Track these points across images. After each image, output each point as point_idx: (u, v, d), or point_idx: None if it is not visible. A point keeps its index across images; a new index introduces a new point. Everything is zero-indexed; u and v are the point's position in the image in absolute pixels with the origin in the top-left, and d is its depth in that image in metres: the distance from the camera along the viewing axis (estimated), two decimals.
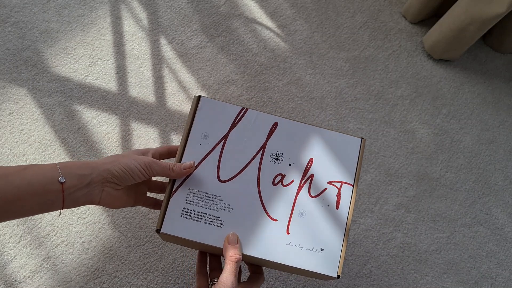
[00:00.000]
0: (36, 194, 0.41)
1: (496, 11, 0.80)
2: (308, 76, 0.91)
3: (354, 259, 0.76)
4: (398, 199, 0.82)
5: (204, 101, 0.54)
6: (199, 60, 0.90)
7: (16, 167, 0.41)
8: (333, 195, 0.53)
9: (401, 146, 0.87)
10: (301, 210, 0.51)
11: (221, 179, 0.52)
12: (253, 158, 0.53)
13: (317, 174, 0.53)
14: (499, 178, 0.87)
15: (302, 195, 0.52)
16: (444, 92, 0.94)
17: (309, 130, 0.54)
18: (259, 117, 0.54)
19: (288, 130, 0.54)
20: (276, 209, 0.51)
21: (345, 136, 0.55)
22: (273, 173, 0.53)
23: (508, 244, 0.81)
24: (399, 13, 1.02)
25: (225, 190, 0.51)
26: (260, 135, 0.54)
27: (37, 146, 0.77)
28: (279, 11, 0.98)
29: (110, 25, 0.90)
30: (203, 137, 0.53)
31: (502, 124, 0.93)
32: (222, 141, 0.53)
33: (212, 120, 0.54)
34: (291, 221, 0.51)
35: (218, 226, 0.50)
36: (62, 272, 0.68)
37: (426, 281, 0.76)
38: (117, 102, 0.83)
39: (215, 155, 0.52)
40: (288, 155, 0.53)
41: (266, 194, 0.52)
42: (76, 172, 0.43)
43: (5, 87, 0.81)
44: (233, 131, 0.54)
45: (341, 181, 0.53)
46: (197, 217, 0.50)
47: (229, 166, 0.52)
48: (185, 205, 0.50)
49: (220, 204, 0.51)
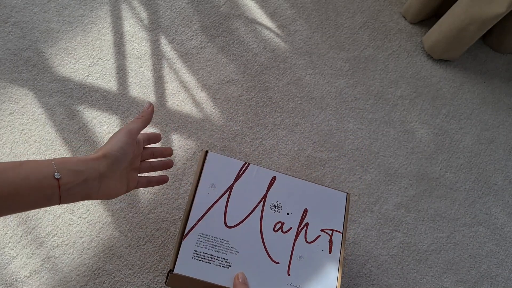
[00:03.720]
0: (32, 189, 0.41)
1: (496, 11, 0.80)
2: (308, 76, 0.92)
3: (354, 258, 0.76)
4: (398, 199, 0.82)
5: (211, 156, 0.62)
6: (199, 60, 0.90)
7: (12, 162, 0.41)
8: (325, 241, 0.60)
9: (401, 146, 0.87)
10: (299, 254, 0.58)
11: (228, 225, 0.58)
12: (256, 207, 0.60)
13: (311, 222, 0.60)
14: (498, 178, 0.87)
15: (299, 241, 0.59)
16: (443, 92, 0.94)
17: (303, 185, 0.62)
18: (259, 171, 0.62)
19: (285, 184, 0.62)
20: (277, 253, 0.57)
21: (333, 191, 0.63)
22: (274, 221, 0.59)
23: (507, 243, 0.81)
24: (399, 13, 1.02)
25: (231, 235, 0.57)
26: (261, 187, 0.61)
27: (38, 146, 0.77)
28: (279, 11, 0.98)
29: (110, 26, 0.90)
30: (211, 187, 0.60)
31: (502, 124, 0.93)
32: (228, 191, 0.60)
33: (219, 172, 0.61)
34: (291, 264, 0.57)
35: (227, 267, 0.55)
36: (62, 271, 0.69)
37: (426, 280, 0.76)
38: (117, 102, 0.83)
39: (222, 203, 0.59)
40: (286, 205, 0.61)
41: (268, 239, 0.58)
42: (72, 168, 0.44)
43: (5, 87, 0.81)
44: (237, 183, 0.61)
45: (332, 229, 0.61)
46: (207, 259, 0.55)
47: (235, 213, 0.59)
48: (196, 248, 0.55)
49: (228, 248, 0.56)
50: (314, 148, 0.84)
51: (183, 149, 0.80)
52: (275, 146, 0.83)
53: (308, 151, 0.84)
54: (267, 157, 0.82)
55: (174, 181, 0.77)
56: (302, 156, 0.83)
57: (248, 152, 0.82)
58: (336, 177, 0.82)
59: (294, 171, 0.81)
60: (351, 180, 0.82)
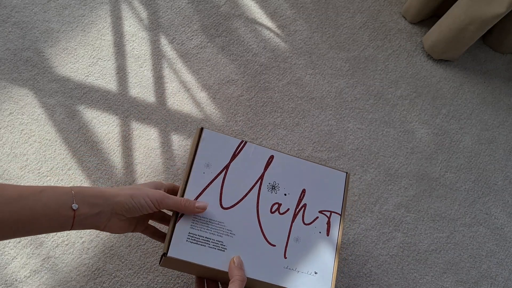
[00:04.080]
0: (49, 217, 0.42)
1: (496, 11, 0.80)
2: (308, 76, 0.92)
3: (354, 258, 0.76)
4: (398, 199, 0.82)
5: (206, 133, 0.58)
6: (199, 60, 0.90)
7: (33, 188, 0.43)
8: (323, 223, 0.58)
9: (400, 146, 0.87)
10: (296, 237, 0.56)
11: (223, 206, 0.56)
12: (252, 188, 0.57)
13: (309, 204, 0.59)
14: (498, 178, 0.87)
15: (297, 223, 0.57)
16: (443, 92, 0.94)
17: (301, 164, 0.60)
18: (257, 150, 0.59)
19: (283, 163, 0.59)
20: (274, 235, 0.56)
21: (333, 171, 0.61)
22: (271, 202, 0.57)
23: (507, 243, 0.82)
24: (398, 13, 1.02)
25: (227, 217, 0.55)
26: (258, 166, 0.59)
27: (38, 146, 0.77)
28: (279, 11, 0.98)
29: (110, 25, 0.90)
30: (206, 166, 0.57)
31: (502, 124, 0.93)
32: (224, 171, 0.57)
33: (214, 151, 0.58)
34: (287, 247, 0.56)
35: (222, 250, 0.53)
36: (62, 271, 0.69)
37: (425, 280, 0.76)
38: (117, 102, 0.83)
39: (218, 184, 0.56)
40: (283, 185, 0.59)
41: (265, 221, 0.56)
42: (89, 200, 0.45)
43: (5, 87, 0.81)
44: (233, 162, 0.58)
45: (330, 210, 0.59)
46: (202, 242, 0.53)
47: (231, 194, 0.56)
48: (190, 230, 0.53)
49: (223, 230, 0.54)
50: (314, 148, 0.84)
51: (183, 149, 0.80)
52: (275, 146, 0.83)
53: (308, 151, 0.84)
54: None
55: (175, 181, 0.77)
56: (302, 156, 0.83)
57: None
58: None
59: None
60: (351, 180, 0.82)
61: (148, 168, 0.78)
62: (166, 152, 0.80)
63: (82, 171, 0.76)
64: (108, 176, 0.76)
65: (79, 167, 0.76)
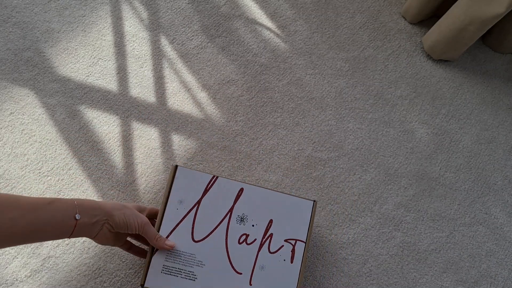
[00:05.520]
0: (54, 227, 0.47)
1: (496, 12, 0.81)
2: (308, 76, 0.92)
3: (354, 258, 0.76)
4: (397, 199, 0.82)
5: (180, 171, 0.63)
6: (199, 61, 0.90)
7: (43, 200, 0.47)
8: (288, 251, 0.62)
9: (400, 146, 0.87)
10: (261, 265, 0.61)
11: (195, 239, 0.61)
12: (222, 221, 0.62)
13: (275, 233, 0.63)
14: (498, 177, 0.87)
15: (262, 252, 0.62)
16: (443, 92, 0.95)
17: (270, 195, 0.64)
18: (227, 184, 0.64)
19: (252, 195, 0.64)
20: (240, 264, 0.61)
21: (300, 200, 0.65)
22: (239, 233, 0.62)
23: (507, 243, 0.82)
24: (398, 13, 1.02)
25: (198, 249, 0.61)
26: (228, 200, 0.63)
27: (38, 146, 0.77)
28: (279, 11, 0.98)
29: (111, 26, 0.90)
30: (180, 203, 0.62)
31: (501, 124, 0.93)
32: (196, 206, 0.62)
33: (187, 187, 0.63)
34: (253, 275, 0.60)
35: (193, 280, 0.59)
36: (63, 271, 0.69)
37: (425, 280, 0.76)
38: (118, 102, 0.83)
39: (190, 219, 0.62)
40: (251, 217, 0.63)
41: (233, 251, 0.61)
42: (89, 211, 0.51)
43: (6, 87, 0.81)
44: (205, 197, 0.63)
45: (295, 238, 0.63)
46: (175, 273, 0.59)
47: (202, 228, 0.61)
48: (164, 263, 0.59)
49: (194, 261, 0.60)
50: (314, 148, 0.84)
51: (183, 149, 0.81)
52: (275, 146, 0.84)
53: (308, 151, 0.84)
54: (267, 157, 0.82)
55: None
56: (302, 156, 0.83)
57: (248, 152, 0.82)
58: (336, 177, 0.82)
59: (294, 171, 0.82)
60: (351, 180, 0.82)
61: (148, 168, 0.78)
62: (166, 152, 0.80)
63: (82, 171, 0.76)
64: (109, 176, 0.77)
65: (80, 167, 0.77)
